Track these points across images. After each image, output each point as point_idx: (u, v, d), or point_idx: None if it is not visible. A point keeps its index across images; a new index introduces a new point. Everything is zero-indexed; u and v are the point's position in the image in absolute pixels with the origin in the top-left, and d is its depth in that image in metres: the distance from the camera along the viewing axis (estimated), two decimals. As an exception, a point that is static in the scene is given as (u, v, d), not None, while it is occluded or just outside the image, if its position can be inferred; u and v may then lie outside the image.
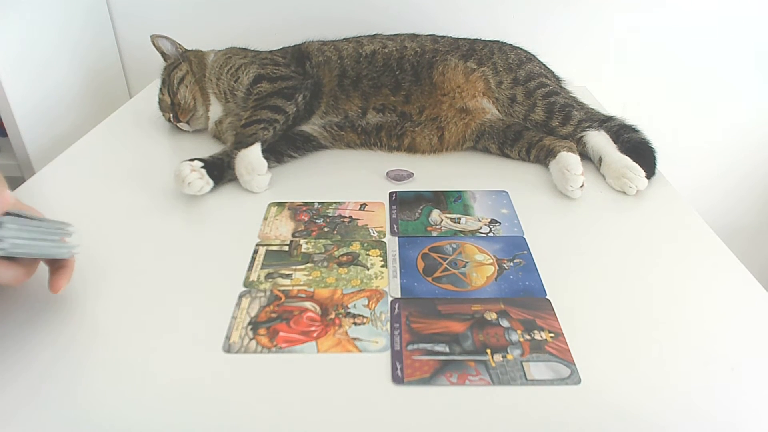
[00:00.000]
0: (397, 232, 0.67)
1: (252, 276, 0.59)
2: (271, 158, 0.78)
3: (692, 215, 0.71)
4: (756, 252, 1.46)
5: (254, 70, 0.84)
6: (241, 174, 0.74)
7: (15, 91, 0.90)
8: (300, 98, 0.81)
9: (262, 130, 0.77)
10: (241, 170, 0.74)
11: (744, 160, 1.34)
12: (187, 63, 0.90)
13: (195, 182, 0.71)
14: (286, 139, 0.83)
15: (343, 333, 0.52)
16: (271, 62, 0.86)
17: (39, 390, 0.46)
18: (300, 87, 0.82)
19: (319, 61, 0.87)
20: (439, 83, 0.86)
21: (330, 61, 0.87)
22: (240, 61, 0.87)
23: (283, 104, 0.79)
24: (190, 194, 0.72)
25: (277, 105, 0.79)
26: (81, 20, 1.09)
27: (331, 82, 0.86)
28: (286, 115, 0.79)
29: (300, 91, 0.82)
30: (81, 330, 0.52)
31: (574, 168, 0.74)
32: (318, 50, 0.89)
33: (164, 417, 0.44)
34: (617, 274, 0.60)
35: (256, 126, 0.77)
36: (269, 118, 0.78)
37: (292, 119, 0.81)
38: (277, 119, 0.78)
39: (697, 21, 1.16)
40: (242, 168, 0.74)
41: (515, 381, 0.47)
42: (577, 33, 1.18)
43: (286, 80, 0.83)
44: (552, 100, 0.84)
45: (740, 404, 0.45)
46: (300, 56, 0.89)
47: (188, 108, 0.88)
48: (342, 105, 0.85)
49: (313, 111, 0.85)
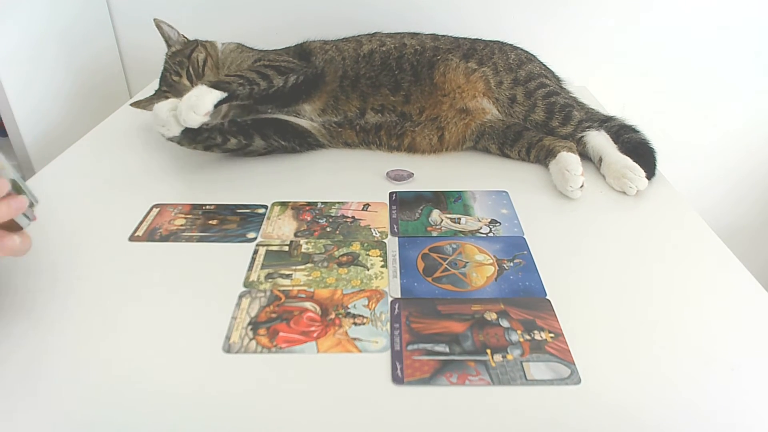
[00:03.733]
0: (397, 232, 0.67)
1: (252, 276, 0.59)
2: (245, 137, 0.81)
3: (692, 215, 0.71)
4: (756, 252, 1.46)
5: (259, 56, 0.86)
6: (183, 100, 0.71)
7: (15, 91, 0.90)
8: (292, 78, 0.81)
9: (238, 85, 0.76)
10: (187, 99, 0.71)
11: (744, 160, 1.34)
12: (203, 47, 0.90)
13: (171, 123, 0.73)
14: (277, 124, 0.83)
15: (343, 333, 0.52)
16: (275, 53, 0.88)
17: (36, 390, 0.46)
18: (297, 70, 0.82)
19: (324, 59, 0.87)
20: (440, 83, 0.85)
21: (333, 61, 0.87)
22: (248, 53, 0.89)
23: (273, 75, 0.79)
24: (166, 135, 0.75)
25: (266, 74, 0.79)
26: (81, 20, 1.09)
27: (333, 83, 0.86)
28: (269, 84, 0.79)
29: (295, 74, 0.82)
30: (80, 329, 0.52)
31: (574, 168, 0.74)
32: (320, 49, 0.89)
33: (164, 417, 0.44)
34: (617, 275, 0.60)
35: (237, 79, 0.76)
36: (252, 78, 0.77)
37: (273, 91, 0.80)
38: (258, 83, 0.77)
39: (697, 21, 1.16)
40: (189, 98, 0.71)
41: (515, 381, 0.47)
42: (577, 33, 1.18)
43: (287, 63, 0.83)
44: (552, 101, 0.84)
45: (740, 404, 0.45)
46: (303, 55, 0.89)
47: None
48: (341, 106, 0.85)
49: (300, 99, 0.84)
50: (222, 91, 0.74)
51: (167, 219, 0.69)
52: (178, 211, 0.71)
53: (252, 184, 0.77)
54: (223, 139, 0.79)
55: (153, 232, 0.66)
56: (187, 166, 0.81)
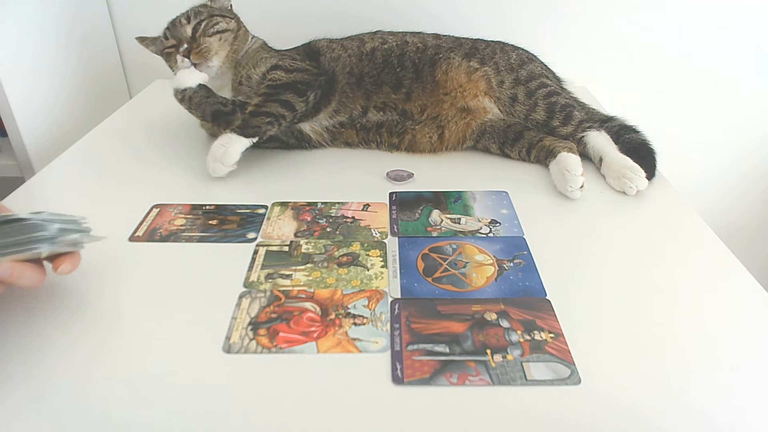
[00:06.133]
0: (397, 232, 0.67)
1: (252, 276, 0.59)
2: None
3: (692, 215, 0.71)
4: (756, 252, 1.46)
5: (273, 61, 0.85)
6: (211, 151, 0.75)
7: (15, 91, 0.90)
8: (311, 96, 0.81)
9: (267, 125, 0.77)
10: (214, 150, 0.75)
11: (744, 160, 1.34)
12: (237, 23, 0.88)
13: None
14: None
15: (343, 333, 0.52)
16: (289, 57, 0.87)
17: (36, 390, 0.46)
18: (314, 84, 0.82)
19: (332, 58, 0.87)
20: (442, 82, 0.85)
21: (341, 59, 0.87)
22: (266, 55, 0.88)
23: (295, 101, 0.79)
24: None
25: (288, 101, 0.79)
26: (81, 20, 1.09)
27: (342, 81, 0.86)
28: (294, 113, 0.79)
29: (313, 89, 0.81)
30: (79, 329, 0.52)
31: (575, 169, 0.74)
32: (327, 47, 0.89)
33: (164, 417, 0.44)
34: (617, 275, 0.60)
35: (263, 119, 0.77)
36: (278, 113, 0.78)
37: (298, 117, 0.81)
38: (285, 115, 0.78)
39: (696, 21, 1.16)
40: (216, 149, 0.75)
41: (515, 381, 0.47)
42: (577, 33, 1.18)
43: (302, 72, 0.82)
44: (553, 100, 0.85)
45: (740, 404, 0.45)
46: (312, 55, 0.88)
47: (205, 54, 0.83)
48: (349, 104, 0.85)
49: (320, 109, 0.85)
50: (251, 137, 0.76)
51: (167, 219, 0.69)
52: (178, 211, 0.71)
53: (252, 184, 0.77)
54: (231, 109, 0.81)
55: (153, 232, 0.66)
56: (187, 167, 0.81)
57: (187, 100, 0.82)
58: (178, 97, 0.82)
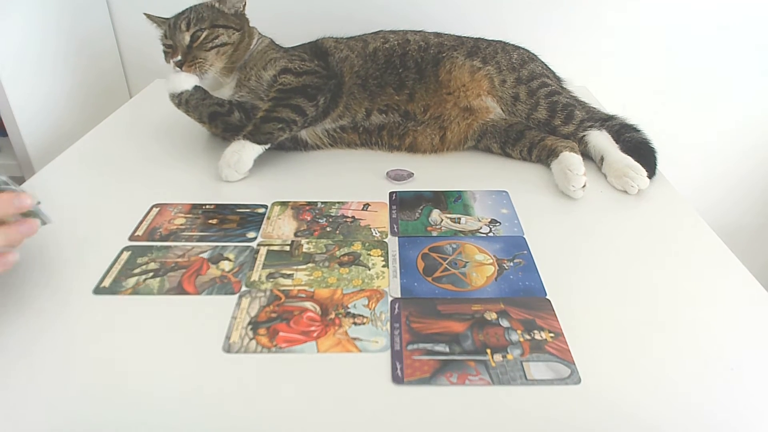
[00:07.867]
0: (397, 232, 0.67)
1: (253, 276, 0.59)
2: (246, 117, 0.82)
3: (692, 215, 0.71)
4: (756, 252, 1.46)
5: (282, 64, 0.83)
6: (225, 157, 0.76)
7: (15, 91, 0.90)
8: (321, 101, 0.80)
9: (278, 131, 0.77)
10: (228, 157, 0.76)
11: (744, 160, 1.34)
12: (240, 35, 0.84)
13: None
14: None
15: (343, 333, 0.52)
16: (299, 58, 0.85)
17: (35, 390, 0.46)
18: (323, 88, 0.81)
19: (340, 59, 0.86)
20: (445, 81, 0.85)
21: (348, 60, 0.86)
22: (274, 55, 0.86)
23: (305, 105, 0.78)
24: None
25: (299, 105, 0.78)
26: (81, 20, 1.09)
27: (349, 83, 0.85)
28: (305, 118, 0.79)
29: (323, 93, 0.81)
30: (80, 329, 0.52)
31: (576, 168, 0.74)
32: (335, 48, 0.88)
33: (164, 417, 0.44)
34: (617, 274, 0.60)
35: (275, 125, 0.77)
36: (289, 118, 0.77)
37: (309, 121, 0.81)
38: (296, 120, 0.78)
39: (696, 21, 1.16)
40: (230, 156, 0.75)
41: (515, 381, 0.47)
42: (577, 33, 1.18)
43: (311, 75, 0.81)
44: (554, 99, 0.85)
45: (740, 404, 0.45)
46: (320, 54, 0.87)
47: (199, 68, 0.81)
48: (354, 107, 0.85)
49: (329, 113, 0.84)
50: (264, 144, 0.76)
51: (167, 218, 0.69)
52: (178, 211, 0.71)
53: (252, 184, 0.77)
54: (228, 109, 0.81)
55: (153, 231, 0.66)
56: (188, 166, 0.81)
57: (184, 104, 0.81)
58: (175, 101, 0.82)
